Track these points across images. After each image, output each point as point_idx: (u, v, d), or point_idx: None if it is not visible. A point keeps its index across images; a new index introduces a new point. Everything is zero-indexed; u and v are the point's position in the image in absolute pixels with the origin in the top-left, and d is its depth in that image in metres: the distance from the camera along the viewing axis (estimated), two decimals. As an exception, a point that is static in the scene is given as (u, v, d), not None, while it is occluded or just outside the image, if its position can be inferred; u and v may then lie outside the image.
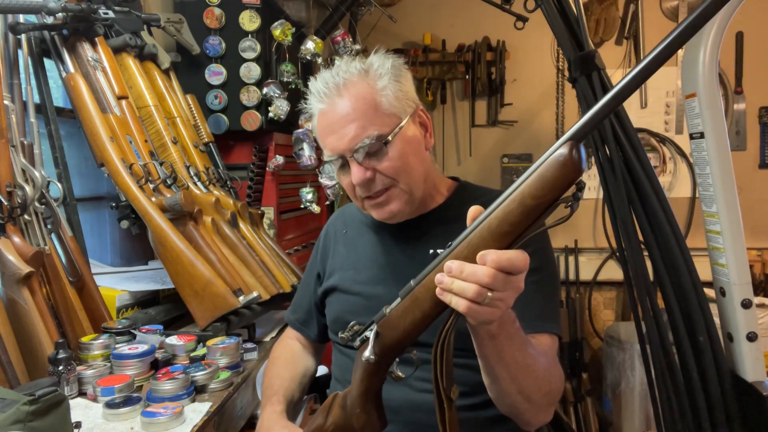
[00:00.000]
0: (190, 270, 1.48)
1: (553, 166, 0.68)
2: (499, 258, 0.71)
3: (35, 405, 0.87)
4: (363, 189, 1.05)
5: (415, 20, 3.15)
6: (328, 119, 1.05)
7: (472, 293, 0.71)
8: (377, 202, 1.06)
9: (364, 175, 1.02)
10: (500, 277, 0.71)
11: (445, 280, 0.74)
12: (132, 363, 1.26)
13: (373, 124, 1.02)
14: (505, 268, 0.71)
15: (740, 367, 1.59)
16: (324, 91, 1.06)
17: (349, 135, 1.02)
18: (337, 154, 1.05)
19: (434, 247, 1.08)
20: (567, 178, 0.68)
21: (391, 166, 1.03)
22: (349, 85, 1.05)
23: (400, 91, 1.06)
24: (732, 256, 1.57)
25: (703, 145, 1.60)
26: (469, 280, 0.72)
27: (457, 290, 0.73)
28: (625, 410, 2.68)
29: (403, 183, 1.05)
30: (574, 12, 1.70)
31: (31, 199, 1.32)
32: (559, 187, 0.68)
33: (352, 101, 1.03)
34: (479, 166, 3.24)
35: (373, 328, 0.83)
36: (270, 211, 2.12)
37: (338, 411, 0.89)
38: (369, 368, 0.85)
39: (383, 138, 1.02)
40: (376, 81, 1.05)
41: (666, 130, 3.07)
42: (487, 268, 0.71)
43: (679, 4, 2.99)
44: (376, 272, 1.12)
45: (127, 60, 1.74)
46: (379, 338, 0.82)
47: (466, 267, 0.72)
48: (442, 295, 0.75)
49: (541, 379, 0.91)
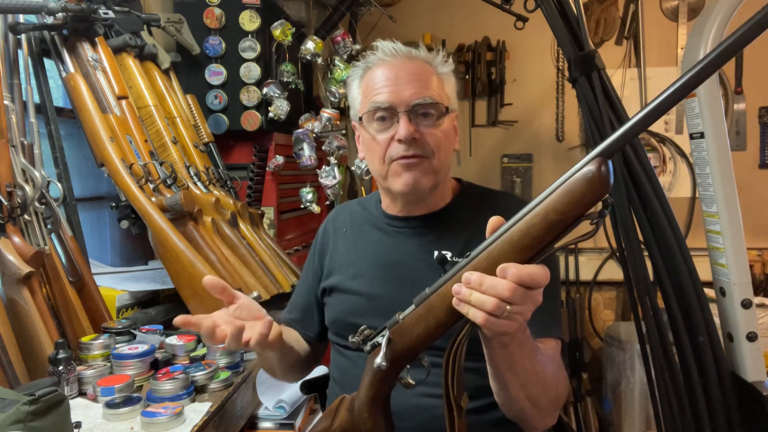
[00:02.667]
0: (190, 270, 1.48)
1: (580, 182, 0.67)
2: (520, 272, 0.70)
3: (35, 405, 0.87)
4: (405, 145, 1.04)
5: (415, 20, 3.15)
6: (393, 71, 1.07)
7: (491, 306, 0.71)
8: (410, 163, 1.04)
9: (412, 131, 1.03)
10: (520, 292, 0.70)
11: (463, 291, 0.73)
12: (132, 363, 1.26)
13: (438, 93, 1.07)
14: (526, 282, 0.70)
15: (740, 367, 1.59)
16: (393, 51, 1.09)
17: (412, 89, 1.04)
18: (390, 104, 1.05)
19: (439, 248, 1.08)
20: (594, 194, 0.67)
21: (436, 136, 1.05)
22: (419, 58, 1.09)
23: (455, 88, 1.12)
24: (732, 256, 1.57)
25: (703, 145, 1.60)
26: (489, 294, 0.71)
27: (476, 302, 0.72)
28: (625, 410, 2.68)
29: (437, 160, 1.06)
30: (574, 12, 1.70)
31: (31, 199, 1.33)
32: (585, 203, 0.68)
33: (423, 69, 1.08)
34: (479, 166, 3.24)
35: (385, 334, 0.82)
36: (270, 211, 2.12)
37: (345, 414, 0.89)
38: (379, 374, 0.84)
39: (441, 107, 1.06)
40: (441, 67, 1.10)
41: (666, 130, 3.07)
42: (508, 282, 0.70)
43: (679, 4, 2.99)
44: (379, 272, 1.11)
45: (127, 60, 1.74)
46: (391, 344, 0.81)
47: (486, 279, 0.71)
48: (459, 306, 0.74)
49: (548, 385, 0.91)
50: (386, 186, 1.10)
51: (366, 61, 1.12)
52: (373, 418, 0.86)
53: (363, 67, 1.12)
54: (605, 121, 1.63)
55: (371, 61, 1.11)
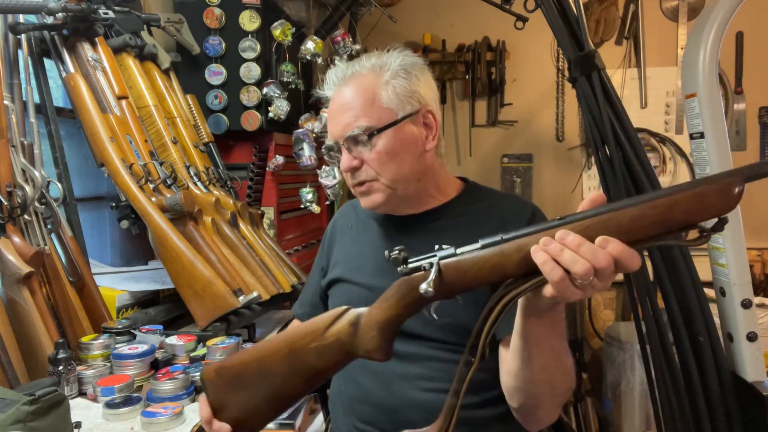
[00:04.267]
0: (190, 270, 1.48)
1: (716, 191, 0.67)
2: (622, 249, 0.68)
3: (35, 405, 0.87)
4: (349, 176, 1.10)
5: (415, 20, 3.15)
6: (332, 104, 1.11)
7: (581, 269, 0.68)
8: (361, 191, 1.11)
9: (351, 163, 1.08)
10: (612, 267, 0.69)
11: (554, 245, 0.70)
12: (132, 363, 1.26)
13: (366, 115, 1.06)
14: (624, 261, 0.68)
15: (740, 367, 1.59)
16: (334, 80, 1.12)
17: (343, 123, 1.07)
18: (333, 139, 1.11)
19: (439, 242, 1.08)
20: (724, 208, 0.67)
21: (376, 159, 1.07)
22: (357, 76, 1.10)
23: (405, 89, 1.08)
24: (732, 256, 1.57)
25: (703, 145, 1.60)
26: (585, 257, 0.68)
27: (567, 260, 0.69)
28: (625, 410, 2.68)
29: (385, 178, 1.07)
30: (574, 12, 1.70)
31: (31, 199, 1.33)
32: (712, 212, 0.67)
33: (354, 91, 1.08)
34: (479, 166, 3.24)
35: (434, 261, 0.79)
36: (270, 211, 2.12)
37: (347, 326, 0.86)
38: (410, 298, 0.82)
39: (370, 130, 1.06)
40: (383, 75, 1.09)
41: (666, 130, 3.07)
42: (608, 253, 0.68)
43: (679, 4, 2.99)
44: (380, 264, 1.12)
45: (127, 60, 1.74)
46: (440, 275, 0.79)
47: (587, 244, 0.69)
48: (538, 258, 0.71)
49: (567, 373, 0.91)
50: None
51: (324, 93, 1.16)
52: (381, 338, 0.84)
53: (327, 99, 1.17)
54: (605, 121, 1.63)
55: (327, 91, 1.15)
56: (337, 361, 0.86)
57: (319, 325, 0.87)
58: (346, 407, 1.12)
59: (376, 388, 1.07)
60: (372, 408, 1.07)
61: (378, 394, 1.06)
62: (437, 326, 1.02)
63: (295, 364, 0.86)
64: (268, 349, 0.89)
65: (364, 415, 1.08)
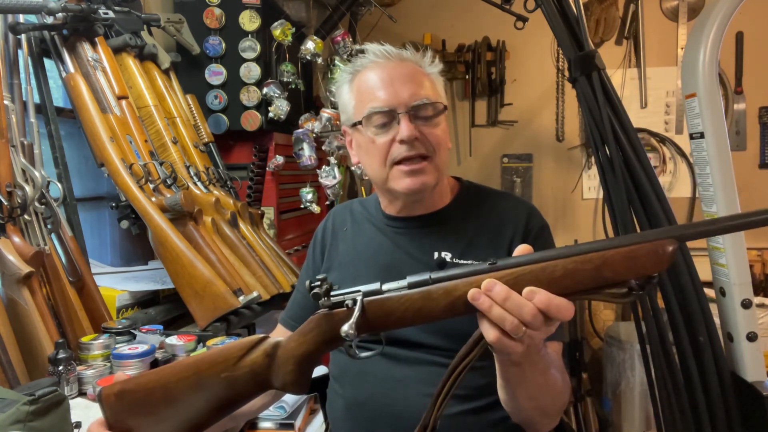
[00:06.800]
0: (190, 270, 1.48)
1: (648, 253, 0.67)
2: (549, 301, 0.68)
3: (35, 405, 0.87)
4: (407, 146, 1.02)
5: (415, 20, 3.15)
6: (386, 73, 1.06)
7: (510, 326, 0.68)
8: (413, 169, 1.03)
9: (414, 132, 1.02)
10: (540, 319, 0.68)
11: (482, 299, 0.70)
12: (132, 363, 1.26)
13: (433, 91, 1.07)
14: (551, 313, 0.68)
15: (740, 367, 1.59)
16: (385, 53, 1.08)
17: (409, 91, 1.03)
18: (389, 107, 1.03)
19: (438, 249, 1.08)
20: (654, 269, 0.67)
21: (437, 136, 1.05)
22: (409, 59, 1.09)
23: (442, 88, 1.12)
24: (732, 256, 1.57)
25: (703, 145, 1.60)
26: (511, 312, 0.68)
27: (496, 317, 0.69)
28: (625, 410, 2.68)
29: (438, 159, 1.05)
30: (574, 12, 1.70)
31: (31, 199, 1.33)
32: (642, 273, 0.68)
33: (414, 68, 1.08)
34: (479, 166, 3.24)
35: (357, 299, 0.76)
36: (270, 211, 2.12)
37: (261, 357, 0.81)
38: (330, 336, 0.78)
39: (439, 105, 1.05)
40: (429, 68, 1.10)
41: (666, 130, 3.07)
42: (534, 306, 0.68)
43: (679, 4, 2.99)
44: (378, 271, 1.10)
45: (127, 60, 1.74)
46: (363, 314, 0.75)
47: (513, 296, 0.68)
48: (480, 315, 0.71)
49: (557, 395, 0.90)
50: (387, 187, 1.09)
51: (354, 65, 1.11)
52: (299, 373, 0.80)
53: (351, 72, 1.11)
54: (605, 121, 1.63)
55: (361, 65, 1.09)
56: (250, 392, 0.83)
57: (230, 354, 0.82)
58: (345, 411, 1.10)
59: (375, 393, 1.05)
60: (370, 412, 1.06)
61: (377, 399, 1.05)
62: (433, 333, 1.02)
63: (202, 393, 0.81)
64: (174, 374, 0.83)
65: (362, 419, 1.07)
